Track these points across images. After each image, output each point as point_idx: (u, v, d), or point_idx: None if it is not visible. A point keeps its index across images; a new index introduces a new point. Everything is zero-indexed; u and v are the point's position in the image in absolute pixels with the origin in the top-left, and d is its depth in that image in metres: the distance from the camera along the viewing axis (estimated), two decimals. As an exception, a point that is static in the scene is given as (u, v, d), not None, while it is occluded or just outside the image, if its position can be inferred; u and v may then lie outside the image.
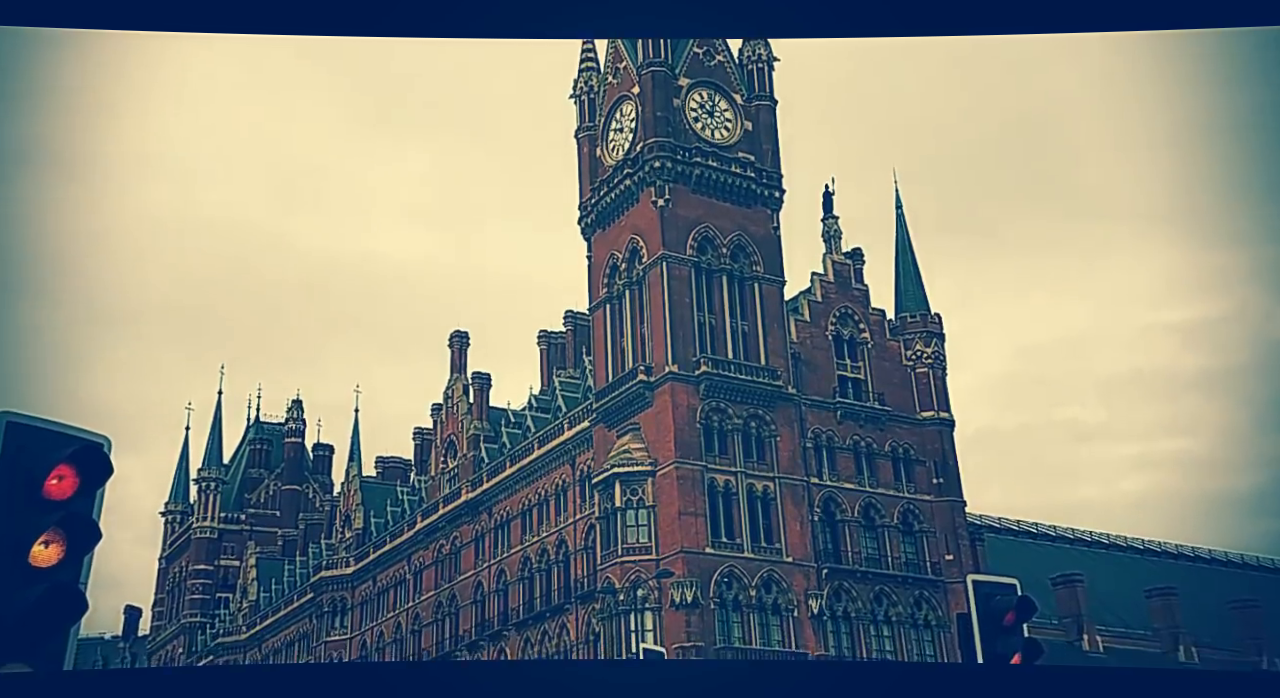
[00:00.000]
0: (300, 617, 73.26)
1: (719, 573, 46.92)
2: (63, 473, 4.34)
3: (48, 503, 4.36)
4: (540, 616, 53.88)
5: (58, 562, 4.29)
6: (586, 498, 52.20)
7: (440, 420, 68.16)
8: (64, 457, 4.37)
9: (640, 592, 45.91)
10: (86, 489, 4.46)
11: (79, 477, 4.40)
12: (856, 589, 50.14)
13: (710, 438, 48.85)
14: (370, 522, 71.51)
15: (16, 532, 4.26)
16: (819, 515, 50.35)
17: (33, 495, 4.34)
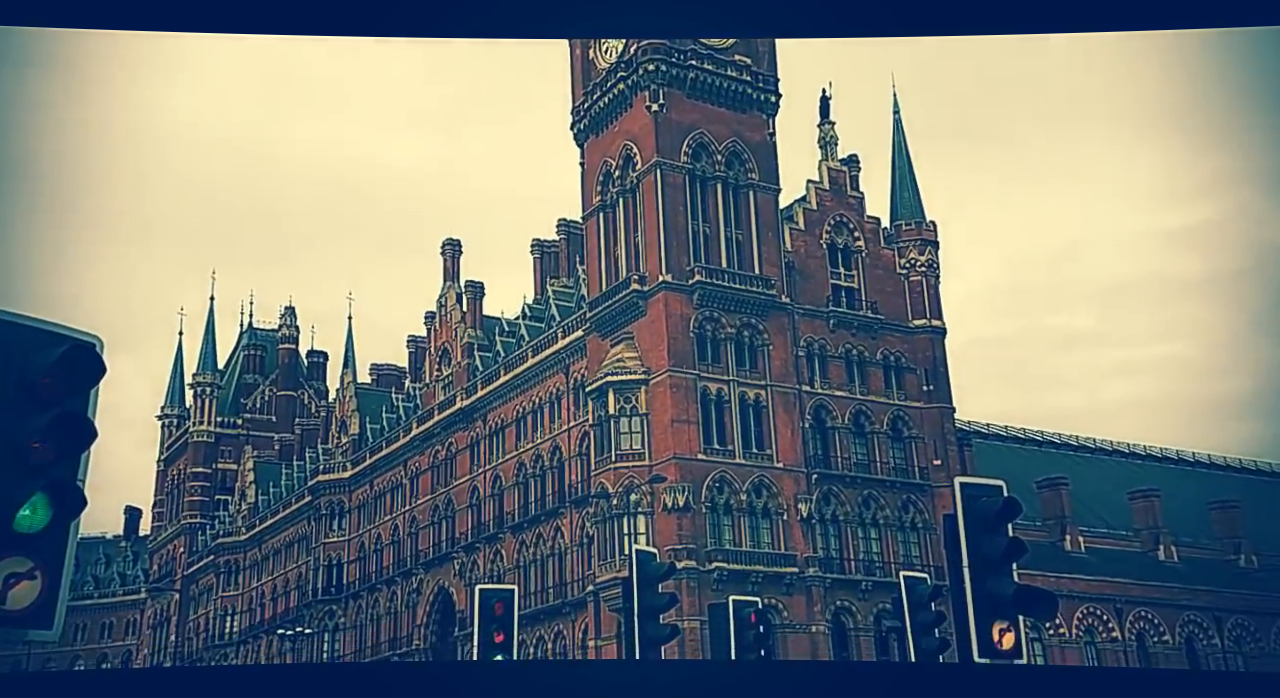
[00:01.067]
0: (298, 519, 74.71)
1: (710, 478, 47.78)
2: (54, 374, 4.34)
3: (41, 402, 4.37)
4: (535, 519, 55.02)
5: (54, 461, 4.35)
6: (580, 406, 52.70)
7: (434, 328, 68.22)
8: (56, 356, 4.37)
9: (633, 496, 46.80)
10: (79, 389, 4.47)
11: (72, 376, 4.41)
12: (845, 494, 51.20)
13: (703, 347, 49.08)
14: (366, 428, 72.29)
15: (11, 430, 4.28)
16: (810, 422, 51.01)
17: (25, 394, 4.35)
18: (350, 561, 69.26)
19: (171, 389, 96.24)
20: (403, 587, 64.02)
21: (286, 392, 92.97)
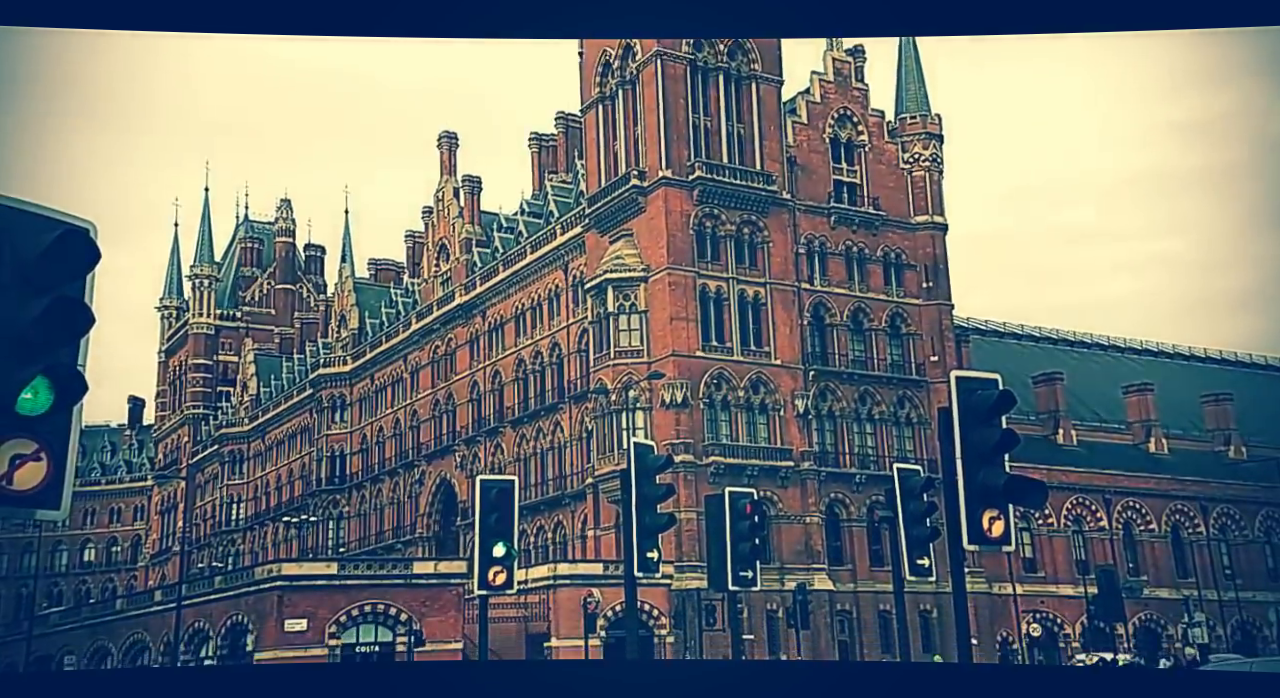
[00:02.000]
0: (300, 411, 75.56)
1: (708, 375, 48.17)
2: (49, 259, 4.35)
3: (38, 287, 4.38)
4: (535, 414, 55.67)
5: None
6: (579, 303, 52.71)
7: (431, 223, 67.65)
8: (50, 240, 4.36)
9: (632, 393, 47.25)
10: (75, 274, 4.47)
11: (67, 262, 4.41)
12: (842, 390, 51.71)
13: (703, 244, 48.80)
14: (365, 322, 72.45)
15: (9, 315, 4.31)
16: (808, 320, 51.15)
17: (21, 279, 4.35)
18: (353, 452, 70.38)
19: (169, 281, 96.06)
20: (405, 478, 65.22)
21: (285, 285, 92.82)
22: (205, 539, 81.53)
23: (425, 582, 43.53)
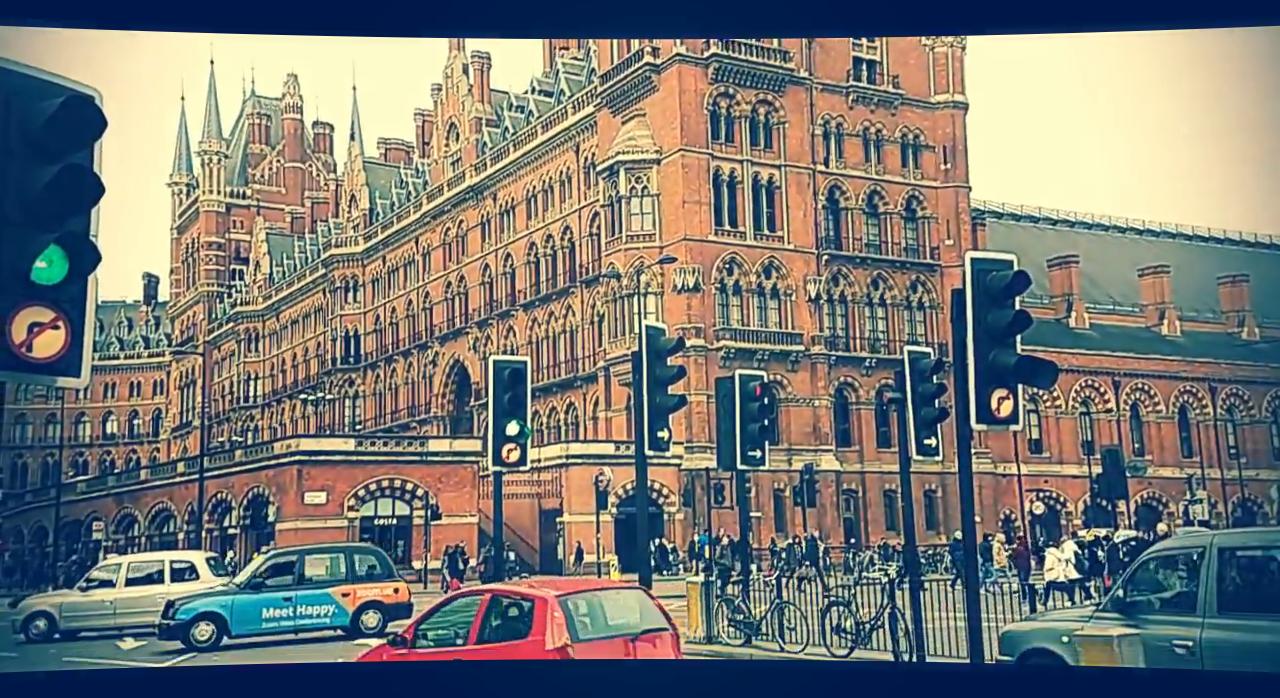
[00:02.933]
0: (313, 291, 75.86)
1: (720, 259, 47.94)
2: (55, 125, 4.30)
3: (45, 155, 4.35)
4: (546, 298, 55.76)
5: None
6: (591, 185, 52.07)
7: (440, 101, 66.30)
8: (55, 106, 4.31)
9: (643, 277, 47.16)
10: (81, 142, 4.44)
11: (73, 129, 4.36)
12: (855, 274, 51.52)
13: (717, 124, 47.83)
14: (375, 202, 71.92)
15: (18, 183, 4.30)
16: (823, 203, 50.55)
17: (28, 147, 4.33)
18: (366, 332, 70.97)
19: (178, 156, 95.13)
20: (419, 358, 65.92)
21: (294, 163, 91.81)
22: (224, 415, 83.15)
23: (441, 459, 44.55)
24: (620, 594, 10.37)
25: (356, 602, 19.29)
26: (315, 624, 18.95)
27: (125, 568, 22.41)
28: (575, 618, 8.65)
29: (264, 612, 18.60)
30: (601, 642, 8.50)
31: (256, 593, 18.73)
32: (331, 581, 19.43)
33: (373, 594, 19.47)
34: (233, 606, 18.54)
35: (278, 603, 18.69)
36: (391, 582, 20.01)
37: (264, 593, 18.74)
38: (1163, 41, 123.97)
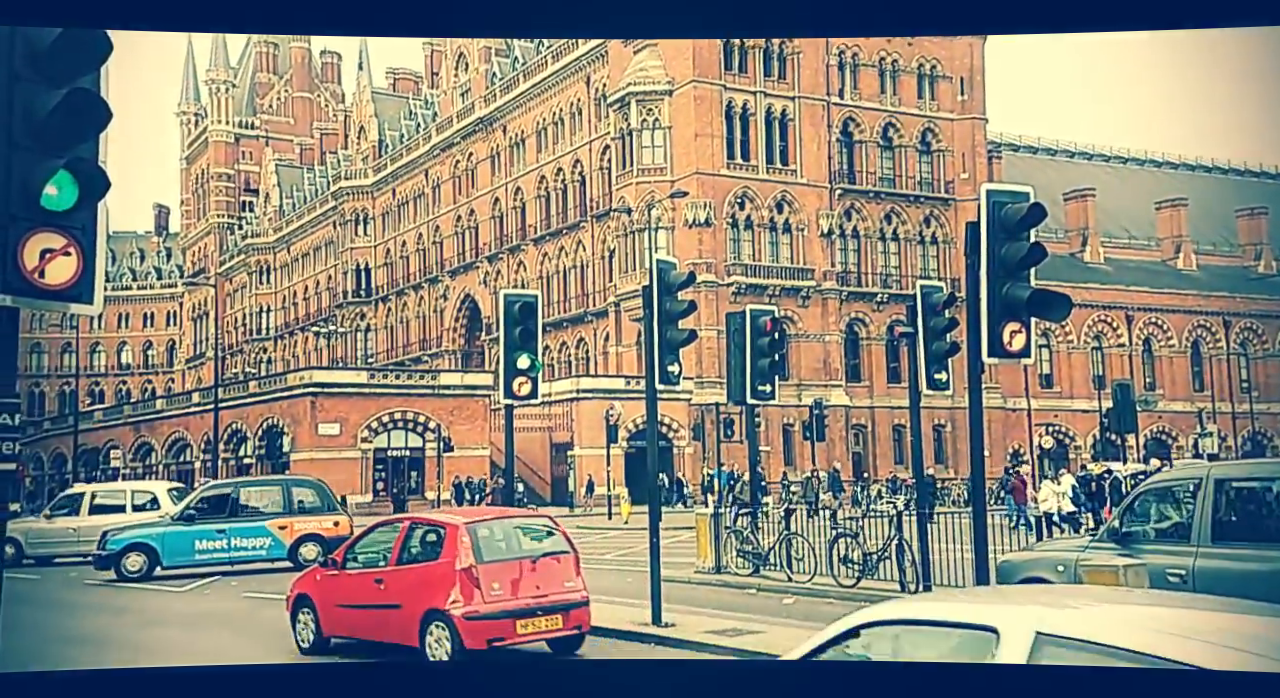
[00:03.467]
0: (323, 223, 75.67)
1: (732, 194, 47.52)
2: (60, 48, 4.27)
3: (51, 79, 4.33)
4: (557, 232, 55.49)
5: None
6: (602, 117, 51.41)
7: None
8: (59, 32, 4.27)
9: (654, 212, 46.82)
10: (86, 67, 4.40)
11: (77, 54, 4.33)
12: (868, 208, 51.06)
13: (730, 55, 47.00)
14: (385, 134, 71.24)
15: (25, 107, 4.29)
16: (837, 136, 49.88)
17: (35, 70, 4.31)
18: (377, 266, 70.94)
19: (186, 86, 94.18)
20: (430, 292, 65.96)
21: (302, 93, 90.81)
22: (238, 346, 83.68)
23: (452, 392, 44.86)
24: (527, 522, 11.35)
25: (294, 534, 19.17)
26: (251, 556, 18.92)
27: (89, 497, 22.63)
28: (480, 543, 9.72)
29: (196, 544, 18.58)
30: (504, 563, 9.76)
31: (190, 525, 18.69)
32: (268, 513, 19.39)
33: (311, 527, 19.30)
34: (164, 537, 18.55)
35: (211, 535, 18.66)
36: (331, 515, 19.81)
37: (197, 525, 18.71)
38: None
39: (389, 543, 10.66)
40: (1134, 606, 4.08)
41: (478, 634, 9.40)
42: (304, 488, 20.63)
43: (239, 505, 19.38)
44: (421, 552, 10.29)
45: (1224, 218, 62.78)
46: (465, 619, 9.40)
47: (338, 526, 19.42)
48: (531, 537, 10.51)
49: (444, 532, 10.05)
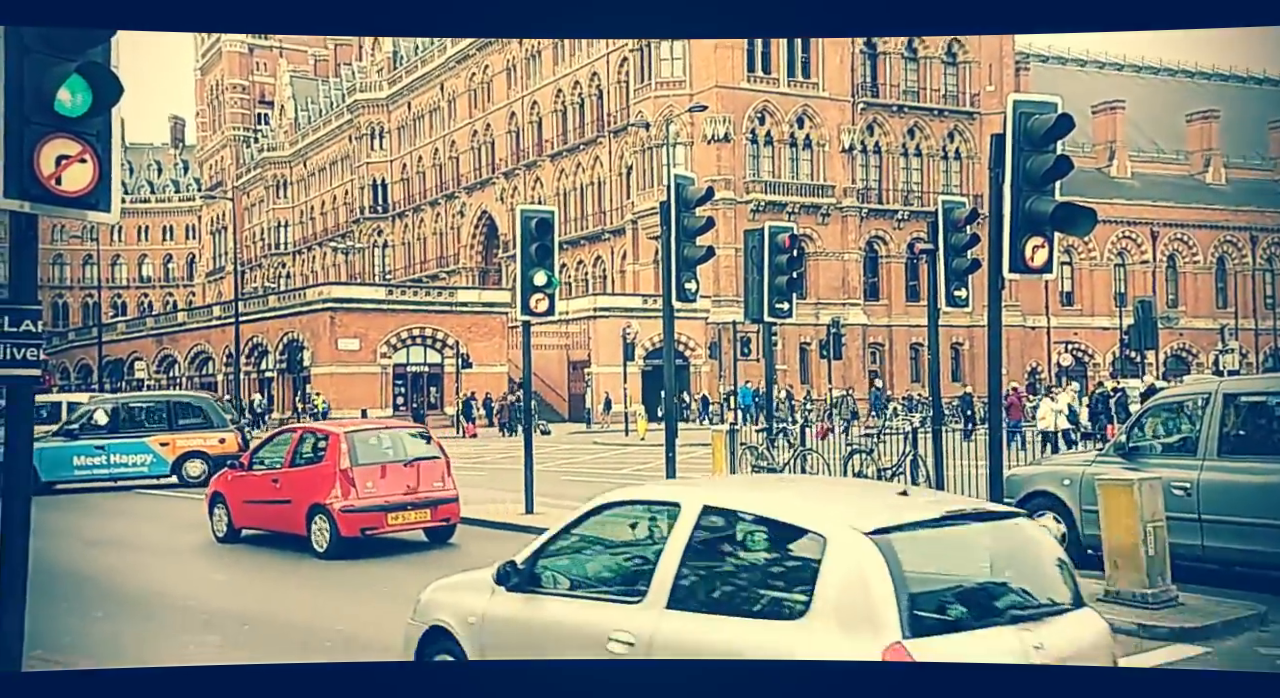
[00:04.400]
0: (339, 136, 74.96)
1: (752, 108, 46.67)
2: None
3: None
4: (574, 148, 54.80)
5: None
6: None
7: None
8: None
9: (673, 127, 46.11)
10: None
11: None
12: (891, 123, 50.11)
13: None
14: (399, 45, 69.97)
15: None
16: (860, 47, 48.65)
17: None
18: (394, 181, 70.50)
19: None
20: (446, 208, 65.62)
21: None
22: (256, 261, 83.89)
23: (470, 309, 45.00)
24: (402, 432, 13.13)
25: (176, 451, 19.09)
26: (133, 473, 18.95)
27: None
28: (357, 448, 11.65)
29: (75, 460, 18.56)
30: (378, 466, 11.65)
31: (69, 440, 18.62)
32: (150, 429, 19.37)
33: (195, 444, 19.21)
34: (41, 453, 18.20)
35: (90, 451, 18.62)
36: (217, 432, 19.56)
37: (77, 441, 18.66)
38: None
39: (285, 449, 12.52)
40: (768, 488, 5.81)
41: (352, 524, 11.26)
42: (191, 405, 20.45)
43: (120, 422, 19.26)
44: (310, 456, 12.06)
45: (1256, 130, 61.24)
46: (342, 512, 11.23)
47: (223, 443, 19.31)
48: (405, 445, 12.28)
49: (328, 439, 11.94)
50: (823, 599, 3.98)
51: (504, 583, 5.04)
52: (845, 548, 3.99)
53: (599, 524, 5.16)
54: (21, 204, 4.43)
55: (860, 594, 3.92)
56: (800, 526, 4.27)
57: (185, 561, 12.05)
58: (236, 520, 12.67)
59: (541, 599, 4.94)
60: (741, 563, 4.58)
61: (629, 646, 4.44)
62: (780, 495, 5.06)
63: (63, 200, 4.48)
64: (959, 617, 3.96)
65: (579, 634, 4.67)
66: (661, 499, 5.05)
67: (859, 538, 3.98)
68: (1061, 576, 4.35)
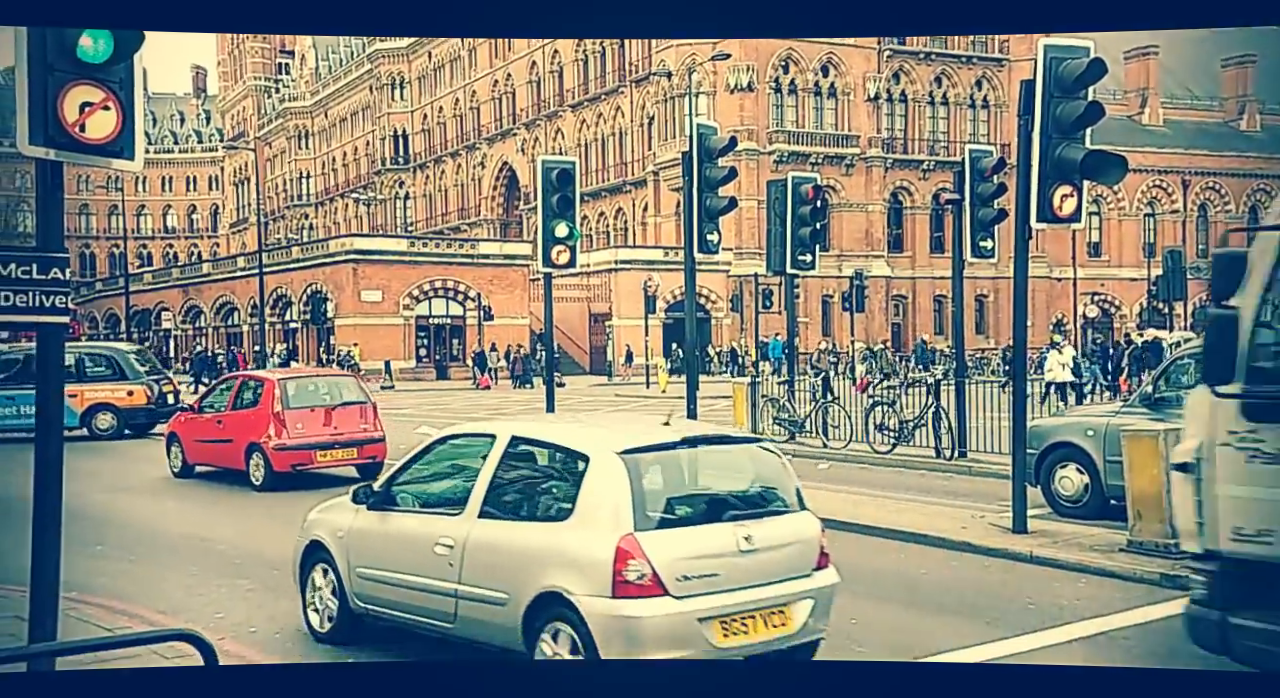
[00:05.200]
0: (360, 87, 74.56)
1: (776, 57, 45.97)
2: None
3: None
4: (595, 98, 54.28)
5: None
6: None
7: (482, -122, 62.28)
8: None
9: (695, 76, 45.52)
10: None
11: None
12: (918, 71, 49.25)
13: (778, -96, 44.68)
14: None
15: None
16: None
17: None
18: (415, 132, 70.19)
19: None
20: (467, 159, 65.35)
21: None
22: (279, 212, 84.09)
23: (491, 261, 45.01)
24: (332, 379, 14.93)
25: (84, 403, 18.75)
26: None
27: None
28: (289, 394, 13.09)
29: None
30: (308, 409, 13.02)
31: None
32: None
33: (102, 396, 18.92)
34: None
35: (2, 402, 18.15)
36: (126, 384, 19.23)
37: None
38: None
39: (228, 394, 14.09)
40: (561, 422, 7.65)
41: (284, 460, 12.60)
42: (100, 356, 20.04)
43: (26, 373, 18.46)
44: (249, 400, 13.52)
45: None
46: (275, 450, 12.64)
47: (131, 395, 19.10)
48: (333, 391, 13.75)
49: (263, 386, 13.46)
50: (582, 503, 5.13)
51: (360, 503, 6.18)
52: (601, 464, 5.14)
53: (439, 454, 6.28)
54: (47, 151, 4.45)
55: (607, 499, 5.05)
56: (574, 449, 5.43)
57: (148, 494, 13.13)
58: (189, 458, 14.13)
59: (392, 515, 6.07)
60: (533, 479, 5.70)
61: (449, 548, 5.55)
62: (567, 427, 6.50)
63: (87, 148, 4.50)
64: (684, 516, 5.18)
65: (415, 541, 5.77)
66: (482, 432, 6.18)
67: (612, 457, 5.12)
68: (785, 486, 5.55)
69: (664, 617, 4.83)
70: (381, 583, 5.98)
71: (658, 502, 5.16)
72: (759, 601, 5.05)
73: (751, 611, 5.03)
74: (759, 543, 5.12)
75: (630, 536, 4.89)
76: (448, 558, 5.53)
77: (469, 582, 5.43)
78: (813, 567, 5.34)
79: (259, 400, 13.28)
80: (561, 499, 5.34)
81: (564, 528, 5.15)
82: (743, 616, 5.00)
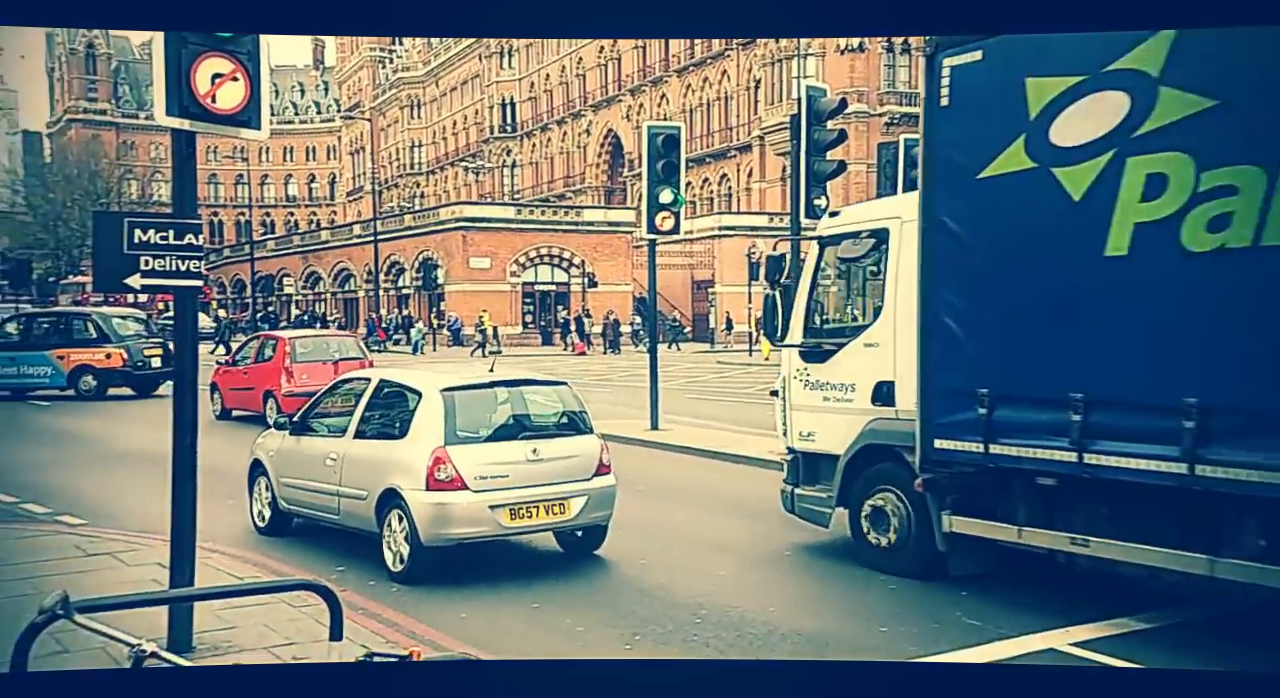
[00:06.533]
0: (469, 55, 75.57)
1: (890, 16, 44.68)
2: None
3: None
4: (701, 62, 53.79)
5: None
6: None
7: None
8: None
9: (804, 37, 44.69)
10: None
11: None
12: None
13: None
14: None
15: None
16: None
17: None
18: (522, 100, 70.89)
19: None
20: (573, 126, 65.73)
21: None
22: (393, 180, 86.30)
23: (595, 228, 45.34)
24: (335, 338, 18.73)
25: (71, 364, 19.90)
26: (37, 383, 19.94)
27: None
28: (297, 351, 16.30)
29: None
30: (312, 363, 16.03)
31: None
32: (49, 343, 20.16)
33: (85, 358, 19.97)
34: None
35: (3, 362, 19.75)
36: (104, 347, 20.15)
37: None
38: None
39: (252, 349, 17.41)
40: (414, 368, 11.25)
41: (291, 404, 13.98)
42: (83, 320, 21.07)
43: (27, 336, 20.34)
44: (268, 355, 16.67)
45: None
46: (285, 396, 15.33)
47: (109, 358, 20.05)
48: (335, 348, 17.03)
49: (277, 343, 16.74)
50: (414, 426, 7.23)
51: (280, 430, 8.52)
52: (428, 398, 7.27)
53: (336, 393, 8.44)
54: (182, 122, 4.71)
55: (428, 422, 7.15)
56: (413, 387, 7.55)
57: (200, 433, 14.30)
58: (226, 403, 17.28)
59: (305, 439, 8.20)
60: (388, 410, 7.74)
61: (335, 461, 7.69)
62: (415, 372, 8.51)
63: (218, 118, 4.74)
64: (487, 435, 7.30)
65: (315, 457, 7.92)
66: (362, 376, 8.50)
67: (436, 392, 7.26)
68: (577, 416, 7.73)
69: (464, 504, 6.92)
70: (296, 489, 8.13)
71: (468, 424, 7.25)
72: (541, 495, 7.16)
73: (535, 502, 7.14)
74: (544, 455, 7.25)
75: (441, 448, 7.00)
76: (334, 468, 7.68)
77: (346, 484, 7.56)
78: (592, 473, 7.47)
79: (273, 355, 16.37)
80: (403, 423, 7.40)
81: (401, 444, 7.27)
82: (527, 505, 7.11)
